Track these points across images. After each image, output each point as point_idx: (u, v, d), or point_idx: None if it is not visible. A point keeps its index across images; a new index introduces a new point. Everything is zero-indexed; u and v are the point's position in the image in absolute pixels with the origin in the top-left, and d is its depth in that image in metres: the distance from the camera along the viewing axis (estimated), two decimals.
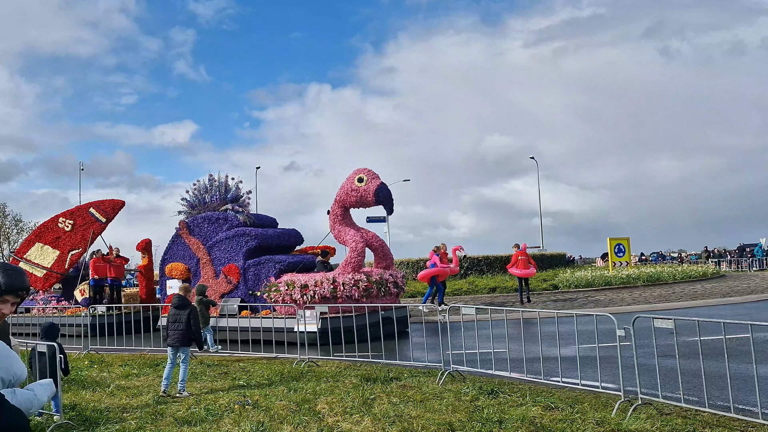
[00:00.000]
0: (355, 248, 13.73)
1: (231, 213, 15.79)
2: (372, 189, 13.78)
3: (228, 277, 14.97)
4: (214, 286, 15.19)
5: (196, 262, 15.75)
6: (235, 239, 15.13)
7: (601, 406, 6.42)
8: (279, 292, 13.43)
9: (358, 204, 14.07)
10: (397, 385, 7.89)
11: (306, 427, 6.09)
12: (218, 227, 15.64)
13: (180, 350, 8.29)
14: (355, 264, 13.60)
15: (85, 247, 19.20)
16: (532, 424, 5.84)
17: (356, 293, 13.08)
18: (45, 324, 7.59)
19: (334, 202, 14.34)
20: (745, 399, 6.33)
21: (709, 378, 6.60)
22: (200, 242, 15.69)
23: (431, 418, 6.16)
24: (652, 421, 5.76)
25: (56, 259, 19.32)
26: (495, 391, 7.23)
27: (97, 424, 6.61)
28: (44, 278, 19.38)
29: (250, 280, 14.71)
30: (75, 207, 19.98)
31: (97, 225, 19.24)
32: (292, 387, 8.06)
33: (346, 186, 14.05)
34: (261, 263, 14.63)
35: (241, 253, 14.97)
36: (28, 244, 19.98)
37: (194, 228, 15.91)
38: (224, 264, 15.19)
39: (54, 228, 19.49)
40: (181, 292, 8.75)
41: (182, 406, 7.31)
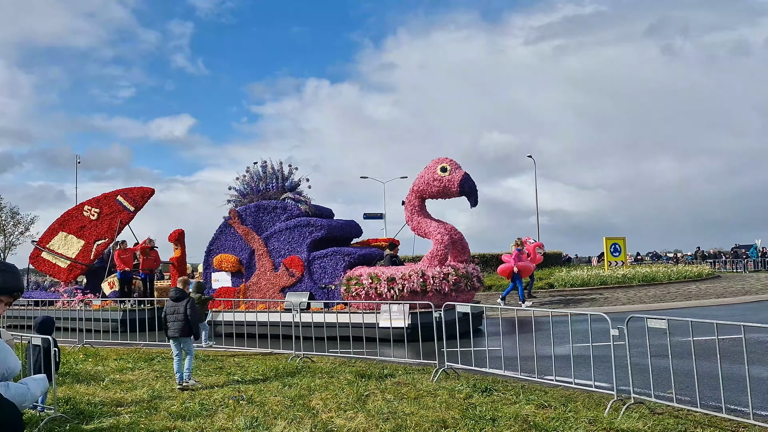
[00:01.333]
0: (441, 240, 13.14)
1: (290, 202, 15.02)
2: (457, 179, 13.18)
3: (290, 269, 14.29)
4: (272, 279, 14.56)
5: (249, 253, 14.97)
6: (297, 230, 14.44)
7: (593, 405, 6.45)
8: (361, 285, 12.88)
9: (440, 195, 13.47)
10: (392, 382, 7.92)
11: (300, 423, 6.11)
12: (275, 217, 14.90)
13: (182, 341, 8.35)
14: (442, 257, 13.05)
15: (113, 237, 18.46)
16: (525, 422, 5.87)
17: (446, 287, 12.55)
18: (40, 317, 7.51)
19: (410, 192, 13.76)
20: (737, 399, 6.37)
21: (702, 378, 6.63)
22: (255, 232, 14.92)
23: (425, 415, 6.18)
24: (644, 420, 5.79)
25: (81, 249, 18.54)
26: (489, 389, 7.27)
27: (91, 417, 6.62)
28: (68, 269, 18.60)
29: (316, 273, 14.12)
30: (101, 194, 18.93)
31: (125, 214, 18.46)
32: (286, 383, 8.08)
33: (427, 176, 13.42)
34: (328, 255, 14.03)
35: (304, 244, 14.28)
36: (51, 233, 19.04)
37: (247, 217, 15.11)
38: (284, 256, 14.48)
39: (79, 216, 18.69)
40: (179, 285, 8.79)
41: (176, 400, 7.32)
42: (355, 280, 13.06)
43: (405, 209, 13.88)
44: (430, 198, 13.67)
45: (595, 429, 5.60)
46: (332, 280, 13.77)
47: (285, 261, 14.42)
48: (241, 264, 15.03)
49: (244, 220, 15.11)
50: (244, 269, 15.00)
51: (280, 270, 14.51)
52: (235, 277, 15.19)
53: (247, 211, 15.15)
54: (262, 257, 14.76)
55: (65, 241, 18.65)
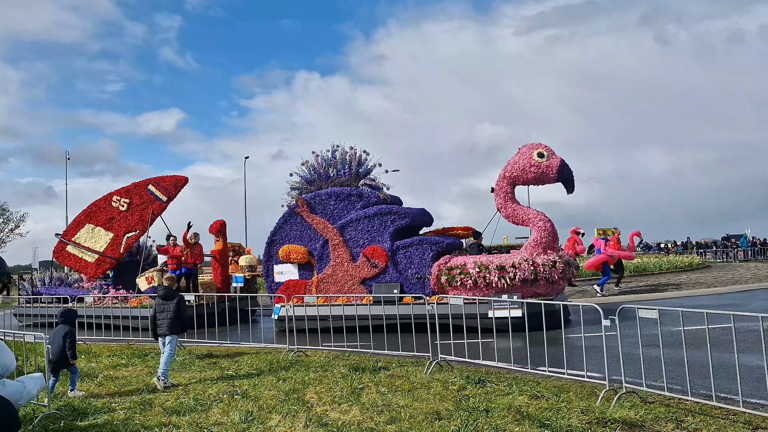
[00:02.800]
0: (544, 227, 12.82)
1: (366, 189, 14.19)
2: (555, 165, 12.85)
3: (372, 260, 13.61)
4: (351, 271, 13.79)
5: (321, 243, 14.11)
6: (378, 218, 13.72)
7: (586, 395, 6.51)
8: (468, 275, 12.43)
9: (536, 181, 13.08)
10: (386, 375, 7.95)
11: (294, 417, 6.14)
12: (350, 205, 14.04)
13: (168, 337, 8.31)
14: (546, 244, 12.73)
15: (144, 229, 17.42)
16: (519, 412, 5.92)
17: (555, 275, 12.35)
18: (63, 309, 8.22)
19: (500, 179, 13.30)
20: (727, 387, 6.44)
21: (692, 367, 6.71)
22: (327, 221, 14.12)
23: (419, 407, 6.22)
24: (636, 409, 5.86)
25: (110, 242, 17.47)
26: (482, 381, 7.31)
27: (85, 414, 6.62)
28: (96, 264, 17.54)
29: (401, 264, 13.55)
30: (131, 184, 17.76)
31: (156, 204, 17.35)
32: (280, 377, 8.10)
33: (521, 162, 13.00)
34: (414, 245, 13.50)
35: (387, 233, 13.61)
36: (76, 225, 17.88)
37: (317, 206, 14.25)
38: (363, 246, 13.77)
39: (107, 207, 17.61)
40: (167, 283, 8.73)
41: (171, 395, 7.33)
42: (459, 269, 12.56)
43: (496, 196, 13.41)
44: (524, 184, 13.30)
45: (588, 418, 5.65)
46: (419, 270, 13.35)
47: (365, 251, 13.70)
48: (311, 255, 14.20)
49: (314, 209, 14.28)
50: (315, 261, 14.18)
51: (359, 260, 13.79)
52: (303, 269, 14.32)
53: (317, 199, 14.29)
54: (337, 247, 13.94)
55: (92, 233, 17.63)
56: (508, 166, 13.25)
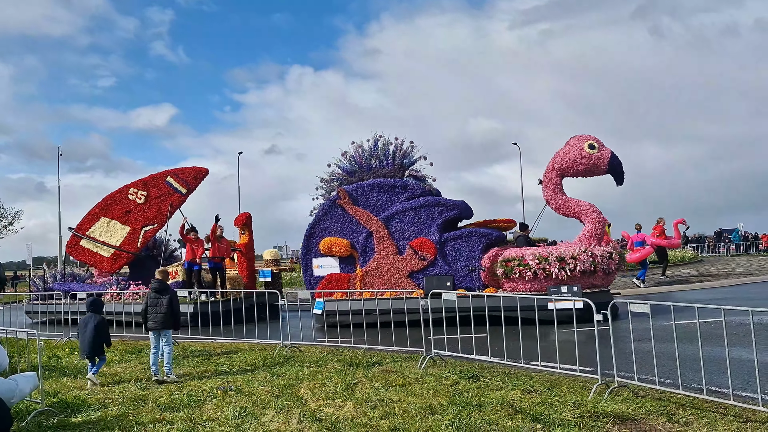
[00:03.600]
0: (598, 219, 12.87)
1: (411, 180, 13.99)
2: (606, 157, 12.90)
3: (420, 252, 13.40)
4: (397, 264, 13.56)
5: (365, 236, 13.79)
6: (425, 210, 13.52)
7: (578, 389, 6.55)
8: (527, 266, 12.45)
9: (586, 172, 13.09)
10: (379, 370, 7.97)
11: (288, 412, 6.15)
12: (394, 196, 13.79)
13: (162, 333, 8.29)
14: (600, 235, 12.79)
15: (162, 223, 16.77)
16: (512, 407, 5.95)
17: (612, 266, 12.46)
18: (91, 298, 8.50)
19: (549, 171, 13.27)
20: (718, 381, 6.49)
21: (684, 361, 6.76)
22: (370, 213, 13.83)
23: (412, 402, 6.24)
24: (628, 403, 5.90)
25: (126, 236, 16.82)
26: (475, 375, 7.34)
27: (78, 410, 6.61)
28: (112, 259, 16.90)
29: (449, 256, 13.39)
30: (149, 176, 17.15)
31: (175, 197, 16.72)
32: (274, 372, 8.11)
33: (572, 153, 13.00)
34: (463, 237, 13.36)
35: (434, 225, 13.43)
36: (90, 218, 17.17)
37: (359, 197, 13.91)
38: (410, 238, 13.56)
39: (123, 200, 16.95)
40: (159, 276, 8.68)
41: (164, 392, 7.33)
42: (518, 261, 12.57)
43: (545, 188, 13.35)
44: (573, 176, 13.26)
45: (580, 412, 5.68)
46: (469, 263, 13.27)
47: (412, 243, 13.49)
48: (354, 248, 13.88)
49: (356, 200, 13.92)
50: (359, 253, 13.86)
51: (406, 253, 13.57)
52: (345, 262, 13.97)
53: (359, 190, 13.95)
54: (382, 240, 13.66)
55: (108, 227, 16.97)
56: (557, 157, 13.23)
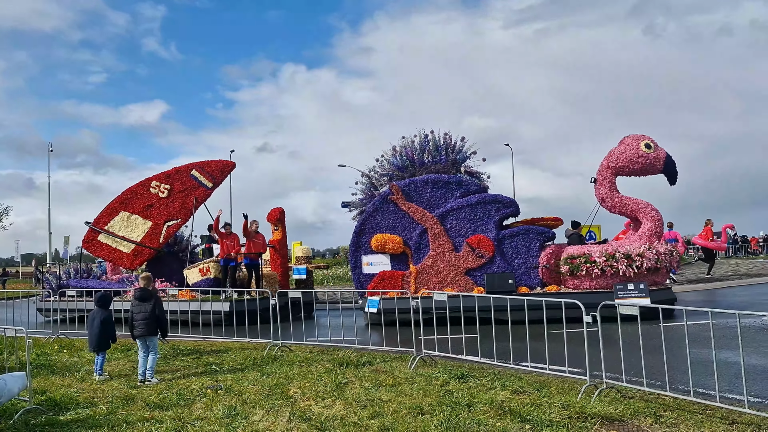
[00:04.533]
0: (657, 217, 13.04)
1: (466, 176, 13.96)
2: (662, 157, 13.11)
3: (477, 249, 13.38)
4: (453, 261, 13.49)
5: (419, 232, 13.70)
6: (481, 207, 13.53)
7: (567, 390, 6.58)
8: (594, 264, 12.58)
9: (641, 172, 13.25)
10: (370, 370, 7.98)
11: (278, 412, 6.15)
12: (448, 192, 13.69)
13: (148, 339, 8.20)
14: (660, 233, 13.00)
15: (186, 218, 16.19)
16: (501, 407, 5.97)
17: (674, 264, 12.75)
18: (99, 294, 8.73)
19: (604, 169, 13.39)
20: (705, 383, 6.54)
21: (671, 362, 6.80)
22: (425, 210, 13.73)
23: (402, 402, 6.26)
24: (616, 404, 5.94)
25: (148, 231, 16.14)
26: (465, 376, 7.37)
27: (67, 408, 6.58)
28: (132, 255, 16.21)
29: (507, 253, 13.44)
30: (172, 169, 16.58)
31: (200, 191, 16.18)
32: (264, 372, 8.11)
33: (628, 152, 13.14)
34: (520, 234, 13.48)
35: (492, 222, 13.48)
36: (109, 212, 16.45)
37: (412, 193, 13.78)
38: (466, 235, 13.53)
39: (145, 194, 16.32)
40: (143, 284, 8.58)
41: (154, 390, 7.31)
42: (584, 258, 12.71)
43: (599, 187, 13.45)
44: (628, 175, 13.38)
45: (568, 413, 5.72)
46: (526, 260, 13.40)
47: (470, 240, 13.46)
48: (407, 245, 13.75)
49: (410, 196, 13.78)
50: (411, 251, 13.75)
51: (463, 250, 13.49)
52: (396, 259, 13.83)
53: (412, 186, 13.82)
54: (438, 237, 13.57)
55: (128, 222, 16.27)
56: (612, 156, 13.34)
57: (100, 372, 8.28)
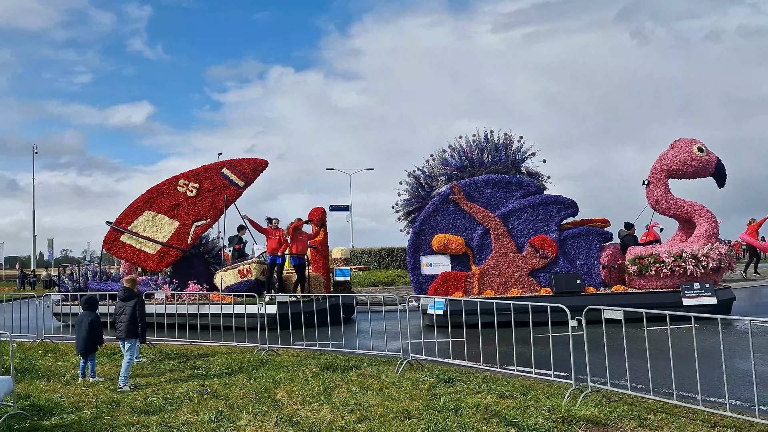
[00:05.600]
0: (712, 218, 13.36)
1: (526, 177, 14.03)
2: (714, 160, 13.47)
3: (541, 250, 13.44)
4: (517, 262, 13.50)
5: (481, 233, 13.60)
6: (543, 207, 13.59)
7: (553, 394, 6.64)
8: (663, 264, 12.84)
9: (693, 174, 13.61)
10: (357, 374, 7.99)
11: (265, 416, 6.15)
12: (508, 193, 13.68)
13: (126, 342, 8.15)
14: (716, 234, 13.34)
15: (216, 218, 15.59)
16: (487, 411, 6.01)
17: (733, 263, 13.18)
18: (87, 296, 8.75)
19: (658, 172, 13.68)
20: (688, 387, 6.62)
21: (655, 367, 6.88)
22: (487, 210, 13.67)
23: (389, 406, 6.28)
24: (601, 407, 6.00)
25: (175, 231, 15.40)
26: (452, 380, 7.40)
27: (51, 413, 6.53)
28: (158, 256, 15.45)
29: (569, 254, 13.60)
30: (201, 167, 15.86)
31: (231, 190, 15.55)
32: (251, 376, 8.09)
33: (682, 155, 13.43)
34: (581, 235, 13.65)
35: (553, 223, 13.56)
36: (133, 212, 15.68)
37: (473, 193, 13.69)
38: (529, 236, 13.56)
39: (171, 193, 15.60)
40: (127, 284, 8.55)
41: (139, 395, 7.28)
42: (653, 258, 12.94)
43: (653, 190, 13.71)
44: (680, 177, 13.72)
45: (554, 417, 5.77)
46: (588, 261, 13.56)
47: (533, 241, 13.51)
48: (468, 245, 13.61)
49: (471, 196, 13.68)
50: (473, 251, 13.62)
51: (526, 251, 13.53)
52: (456, 260, 13.65)
53: (472, 186, 13.71)
54: (501, 237, 13.54)
55: (153, 221, 15.55)
56: (665, 159, 13.60)
57: (93, 375, 8.26)
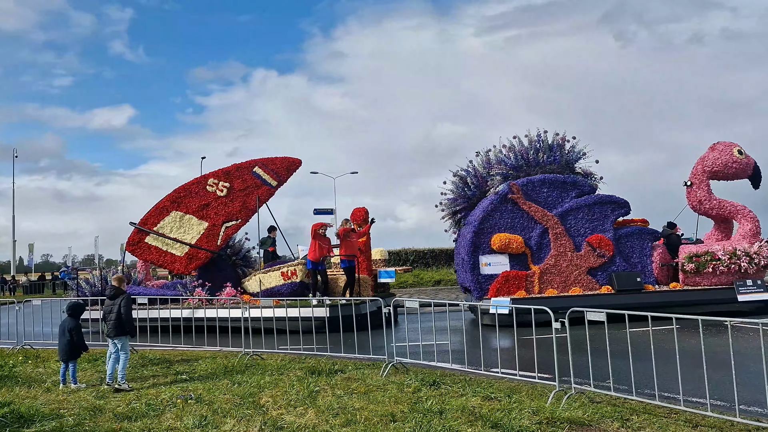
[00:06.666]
0: (754, 218, 13.95)
1: (579, 177, 14.28)
2: (752, 163, 14.15)
3: (599, 249, 13.72)
4: (575, 260, 13.75)
5: (539, 232, 13.83)
6: (598, 207, 13.93)
7: (537, 396, 6.68)
8: (719, 261, 13.45)
9: (733, 176, 14.23)
10: (342, 378, 7.98)
11: (249, 421, 6.11)
12: (564, 193, 13.96)
13: (116, 340, 8.14)
14: (758, 233, 13.90)
15: (247, 218, 15.12)
16: (472, 413, 6.03)
17: None
18: (70, 302, 8.67)
19: (700, 173, 14.27)
20: (670, 387, 6.69)
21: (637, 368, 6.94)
22: (545, 209, 13.88)
23: (374, 410, 6.27)
24: (584, 409, 6.04)
25: (204, 232, 14.85)
26: (437, 383, 7.42)
27: (32, 421, 6.44)
28: (187, 258, 14.88)
29: (623, 253, 13.96)
30: (232, 165, 15.42)
31: (263, 189, 15.13)
32: (236, 380, 8.04)
33: (723, 158, 14.06)
34: (635, 234, 14.07)
35: (608, 222, 13.91)
36: (159, 212, 15.08)
37: (530, 192, 13.91)
38: (585, 235, 13.84)
39: (200, 192, 15.06)
40: (114, 283, 8.54)
41: (122, 401, 7.20)
42: (709, 256, 13.50)
43: (696, 190, 14.26)
44: (720, 179, 14.33)
45: (538, 418, 5.80)
46: (641, 260, 13.96)
47: (590, 240, 13.78)
48: (527, 245, 13.82)
49: (528, 196, 13.90)
50: (531, 250, 13.84)
51: (584, 250, 13.79)
52: (515, 260, 13.82)
53: (529, 185, 13.95)
54: (560, 237, 13.78)
55: (181, 222, 14.96)
56: (706, 161, 14.20)
57: (74, 381, 8.17)
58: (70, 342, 8.14)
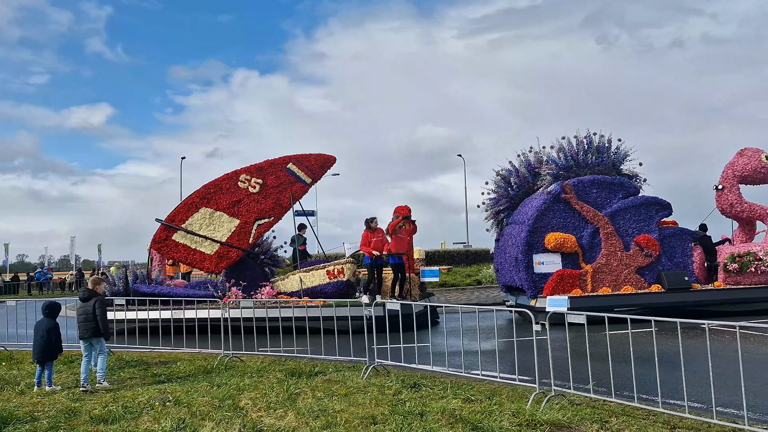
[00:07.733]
0: None
1: (625, 178, 14.62)
2: None
3: (646, 249, 14.14)
4: (624, 260, 14.11)
5: (590, 232, 14.13)
6: (644, 208, 14.40)
7: (517, 398, 6.69)
8: (761, 261, 14.26)
9: (761, 180, 15.00)
10: (322, 380, 7.94)
11: (228, 423, 6.05)
12: (611, 194, 14.35)
13: (93, 341, 8.10)
14: None
15: (280, 216, 14.76)
16: (452, 416, 6.03)
17: None
18: (47, 302, 8.39)
19: (731, 177, 15.03)
20: (649, 389, 6.76)
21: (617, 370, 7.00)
22: (596, 210, 14.19)
23: (354, 412, 6.24)
24: (564, 411, 6.07)
25: (235, 230, 14.39)
26: (417, 385, 7.40)
27: (6, 424, 6.31)
28: (217, 256, 14.38)
29: (668, 252, 14.46)
30: (264, 161, 14.99)
31: (297, 186, 14.80)
32: (214, 383, 7.96)
33: (753, 163, 14.85)
34: (676, 234, 14.63)
35: (654, 222, 14.38)
36: (187, 209, 14.53)
37: (580, 193, 14.21)
38: (633, 235, 14.22)
39: (231, 188, 14.58)
40: (90, 285, 8.47)
41: (98, 403, 7.08)
42: (751, 256, 14.25)
43: (727, 194, 15.06)
44: (749, 183, 15.12)
45: (518, 421, 5.82)
46: (683, 259, 14.50)
47: (638, 240, 14.17)
48: (578, 244, 14.07)
49: (578, 196, 14.20)
50: (583, 250, 14.09)
51: (632, 249, 14.18)
52: (566, 259, 14.05)
53: (580, 186, 14.26)
54: (609, 236, 14.12)
55: (210, 219, 14.45)
56: (736, 166, 15.02)
57: (49, 383, 8.03)
58: (48, 342, 7.98)
